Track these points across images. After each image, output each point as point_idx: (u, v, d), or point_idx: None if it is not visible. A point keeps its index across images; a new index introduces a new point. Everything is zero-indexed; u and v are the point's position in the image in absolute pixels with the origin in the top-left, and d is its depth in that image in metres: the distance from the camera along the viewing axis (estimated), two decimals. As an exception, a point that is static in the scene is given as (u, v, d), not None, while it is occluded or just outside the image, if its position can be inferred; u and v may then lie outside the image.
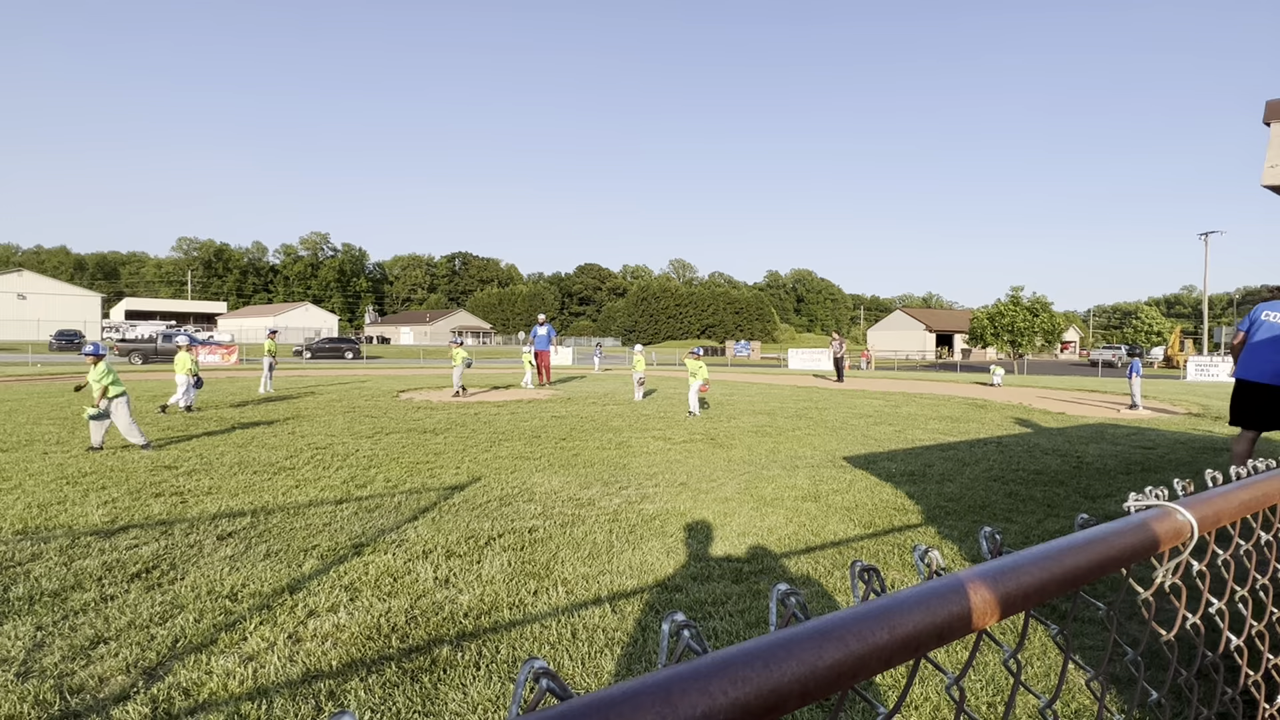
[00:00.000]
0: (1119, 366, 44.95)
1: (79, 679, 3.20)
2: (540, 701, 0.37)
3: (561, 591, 4.35)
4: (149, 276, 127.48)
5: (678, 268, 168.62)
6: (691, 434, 11.45)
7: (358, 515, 6.06)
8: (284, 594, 4.22)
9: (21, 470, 7.65)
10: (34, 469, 7.75)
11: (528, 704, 0.36)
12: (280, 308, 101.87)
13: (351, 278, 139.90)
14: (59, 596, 4.13)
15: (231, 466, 8.08)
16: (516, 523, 5.89)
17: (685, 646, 0.39)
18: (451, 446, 9.74)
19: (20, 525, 5.59)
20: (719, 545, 5.37)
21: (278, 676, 3.26)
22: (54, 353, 43.93)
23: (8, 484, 6.99)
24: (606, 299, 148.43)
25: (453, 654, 3.49)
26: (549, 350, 22.86)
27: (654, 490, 7.23)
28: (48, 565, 4.65)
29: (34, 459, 8.32)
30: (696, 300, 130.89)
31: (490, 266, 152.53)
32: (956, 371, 41.41)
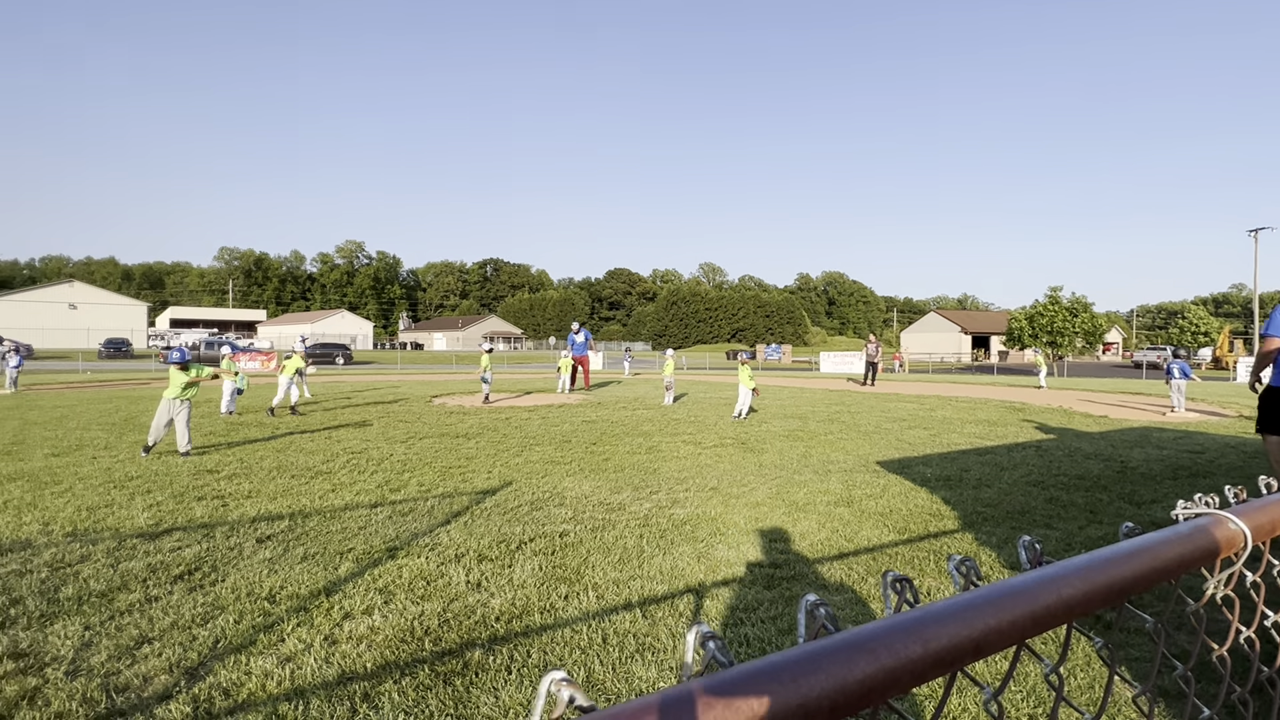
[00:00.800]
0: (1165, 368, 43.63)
1: (124, 678, 3.28)
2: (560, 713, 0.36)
3: (592, 596, 4.35)
4: (192, 286, 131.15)
5: (708, 271, 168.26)
6: (722, 438, 11.39)
7: (392, 519, 6.14)
8: (320, 596, 4.29)
9: (72, 474, 7.91)
10: (83, 473, 8.01)
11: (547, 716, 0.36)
12: (317, 315, 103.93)
13: (386, 285, 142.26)
14: (106, 597, 4.25)
15: (270, 471, 8.25)
16: (547, 527, 5.91)
17: (711, 658, 0.39)
18: (483, 451, 9.82)
19: (70, 527, 5.77)
20: (751, 551, 5.33)
21: (314, 678, 3.31)
22: (102, 360, 45.39)
23: (59, 487, 7.23)
24: (636, 303, 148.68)
25: (484, 658, 3.51)
26: (587, 355, 22.97)
27: (684, 495, 7.21)
28: (95, 567, 4.80)
29: (83, 463, 8.60)
30: (726, 304, 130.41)
31: (521, 272, 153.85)
32: (993, 374, 40.60)
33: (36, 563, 4.86)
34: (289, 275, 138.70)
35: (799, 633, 0.46)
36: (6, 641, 3.61)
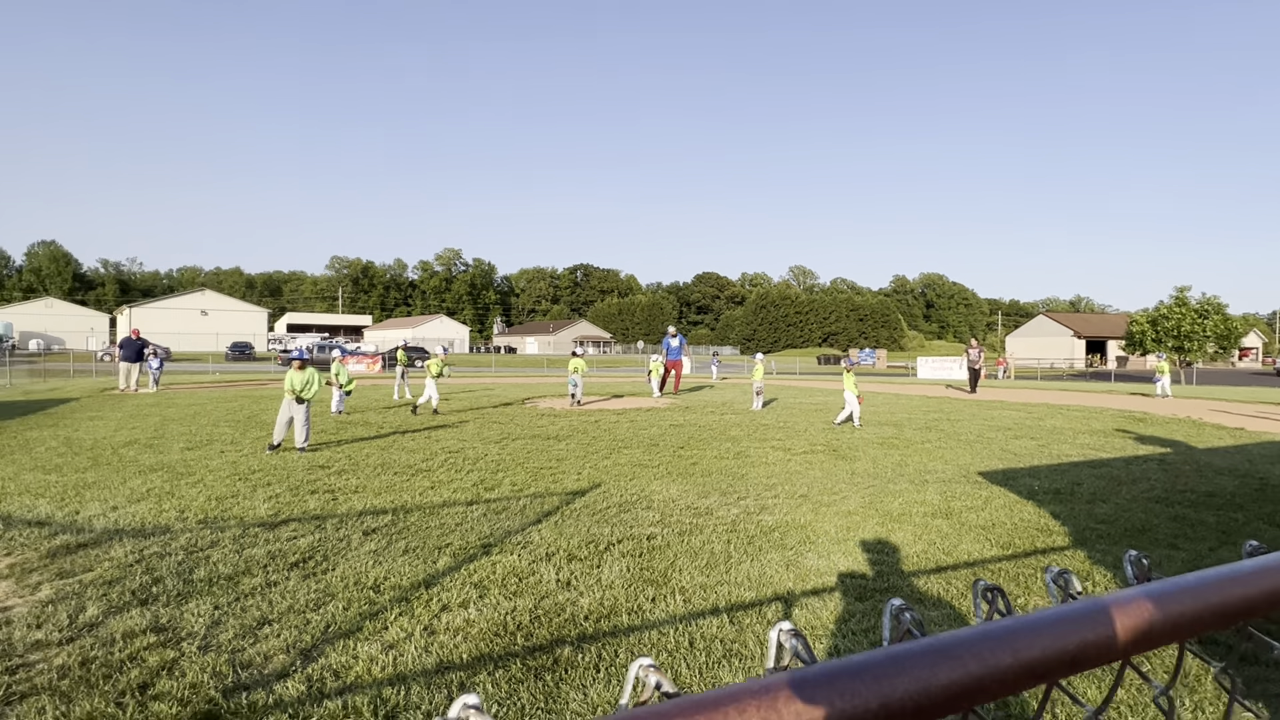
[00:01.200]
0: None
1: (248, 655, 3.56)
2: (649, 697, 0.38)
3: (679, 600, 4.37)
4: (306, 293, 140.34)
5: (798, 274, 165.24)
6: (813, 445, 11.16)
7: (486, 517, 6.37)
8: (420, 588, 4.51)
9: (203, 466, 8.64)
10: (213, 466, 8.73)
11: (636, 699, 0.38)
12: (418, 320, 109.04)
13: (481, 291, 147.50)
14: (232, 580, 4.62)
15: (375, 468, 8.73)
16: (635, 529, 5.97)
17: (793, 655, 0.40)
18: (573, 453, 10.03)
19: (202, 515, 6.31)
20: (841, 560, 5.20)
21: (414, 665, 3.48)
22: (228, 362, 49.31)
23: (193, 478, 7.92)
24: (724, 307, 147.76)
25: (574, 655, 3.59)
26: (681, 360, 22.97)
27: (773, 501, 7.11)
28: (223, 552, 5.22)
29: (213, 457, 9.37)
30: (817, 307, 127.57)
31: (610, 277, 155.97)
32: (1110, 381, 37.83)
33: (174, 546, 5.34)
34: (392, 282, 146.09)
35: (883, 636, 0.46)
36: (150, 616, 3.99)
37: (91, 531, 5.74)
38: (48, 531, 5.72)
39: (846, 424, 13.82)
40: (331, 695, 3.19)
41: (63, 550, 5.21)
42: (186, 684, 3.25)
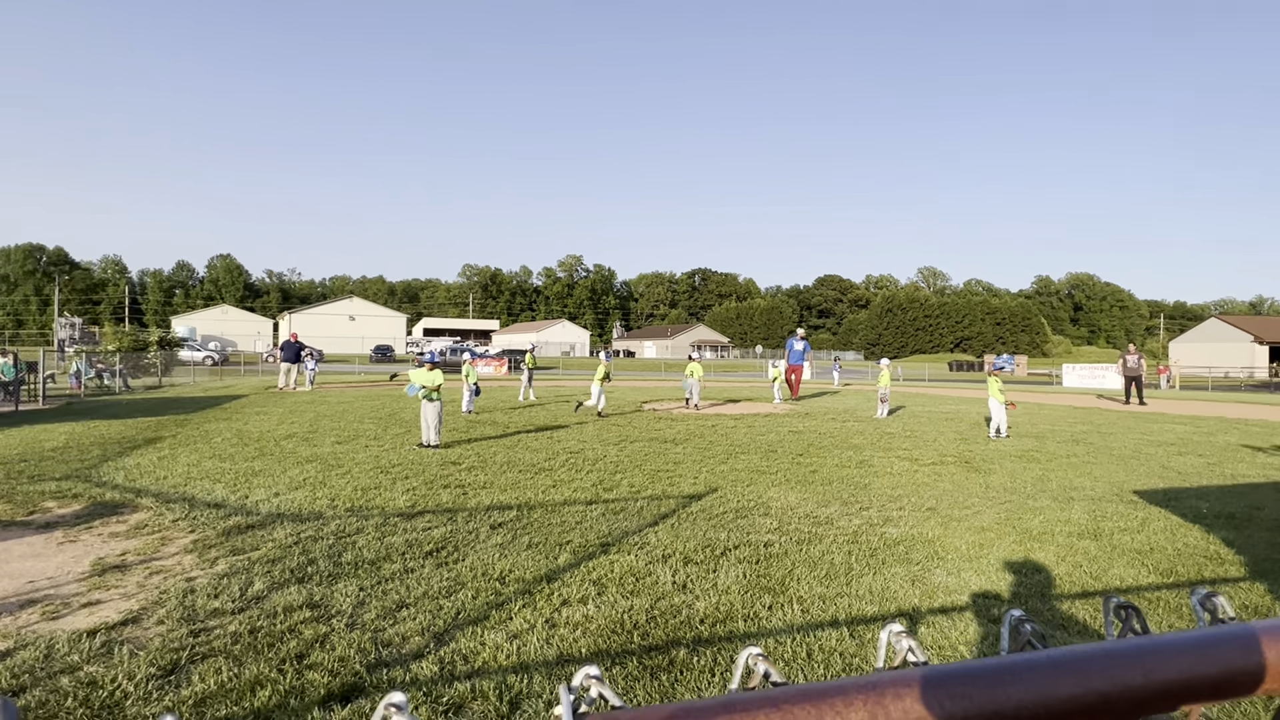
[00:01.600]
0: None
1: (388, 635, 3.85)
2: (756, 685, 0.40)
3: (797, 609, 4.29)
4: (440, 299, 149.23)
5: (927, 276, 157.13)
6: (942, 455, 10.59)
7: (605, 516, 6.52)
8: (542, 582, 4.69)
9: (350, 459, 9.41)
10: (359, 459, 9.48)
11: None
12: (542, 324, 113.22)
13: (601, 296, 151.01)
14: (375, 565, 5.01)
15: (502, 465, 9.16)
16: (752, 536, 5.92)
17: (904, 658, 0.40)
18: (690, 457, 10.06)
19: (349, 504, 6.87)
20: (973, 579, 4.90)
21: (536, 655, 3.63)
22: (372, 363, 53.32)
23: (341, 469, 8.64)
24: (847, 311, 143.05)
25: (689, 657, 3.62)
26: (803, 365, 22.45)
27: (898, 513, 6.82)
28: (367, 538, 5.67)
29: (358, 451, 10.18)
30: (949, 310, 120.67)
31: (728, 281, 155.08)
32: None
33: (325, 531, 5.85)
34: (518, 288, 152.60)
35: (1002, 647, 0.44)
36: (305, 593, 4.41)
37: (258, 514, 6.41)
38: (223, 513, 6.44)
39: (978, 433, 13.00)
40: (461, 678, 3.39)
41: (235, 530, 5.85)
42: (335, 657, 3.56)
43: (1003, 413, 12.77)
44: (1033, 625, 0.47)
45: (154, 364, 31.18)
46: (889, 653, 0.42)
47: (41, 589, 4.52)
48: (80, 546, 5.45)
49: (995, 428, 12.84)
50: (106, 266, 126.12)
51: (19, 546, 5.44)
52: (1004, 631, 0.47)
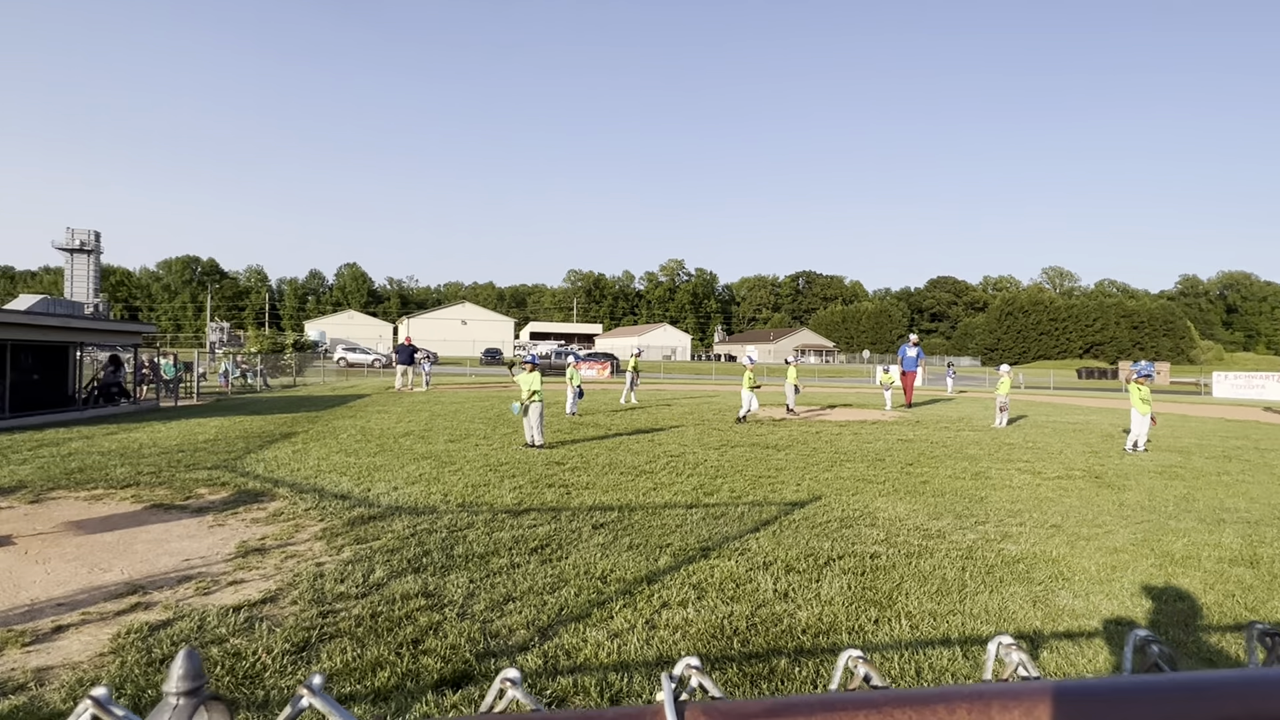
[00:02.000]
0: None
1: (495, 626, 4.01)
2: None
3: (905, 625, 4.12)
4: (546, 304, 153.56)
5: (1052, 277, 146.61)
6: (1069, 469, 9.85)
7: (705, 521, 6.51)
8: (643, 584, 4.74)
9: (462, 457, 9.86)
10: (470, 456, 9.92)
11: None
12: (644, 329, 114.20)
13: (703, 300, 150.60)
14: (484, 559, 5.23)
15: (604, 467, 9.32)
16: (857, 546, 5.73)
17: (1013, 670, 0.38)
18: (793, 463, 9.87)
19: (461, 500, 7.20)
20: (1104, 603, 4.54)
21: (636, 655, 3.67)
22: (482, 366, 55.62)
23: (454, 466, 9.07)
24: (962, 314, 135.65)
25: (790, 667, 3.55)
26: (916, 371, 21.58)
27: (1018, 529, 6.41)
28: (477, 533, 5.92)
29: (469, 449, 10.65)
30: (1078, 313, 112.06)
31: (834, 284, 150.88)
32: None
33: (439, 525, 6.16)
34: (620, 293, 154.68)
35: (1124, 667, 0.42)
36: (420, 583, 4.66)
37: (379, 506, 6.83)
38: (348, 504, 6.91)
39: (1111, 447, 11.99)
40: (564, 672, 3.48)
41: (359, 520, 6.27)
42: (447, 644, 3.75)
43: (1144, 424, 11.69)
44: (1161, 646, 0.44)
45: (289, 365, 33.91)
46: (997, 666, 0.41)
47: (195, 567, 5.02)
48: (227, 530, 6.01)
49: (1133, 440, 11.79)
50: (250, 275, 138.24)
51: (178, 528, 6.06)
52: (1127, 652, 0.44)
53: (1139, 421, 11.72)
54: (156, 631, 3.87)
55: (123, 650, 3.63)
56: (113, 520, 6.28)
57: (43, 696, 3.18)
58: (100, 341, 18.20)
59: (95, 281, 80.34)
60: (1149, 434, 12.16)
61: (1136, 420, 11.76)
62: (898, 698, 0.35)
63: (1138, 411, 11.76)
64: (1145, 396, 11.73)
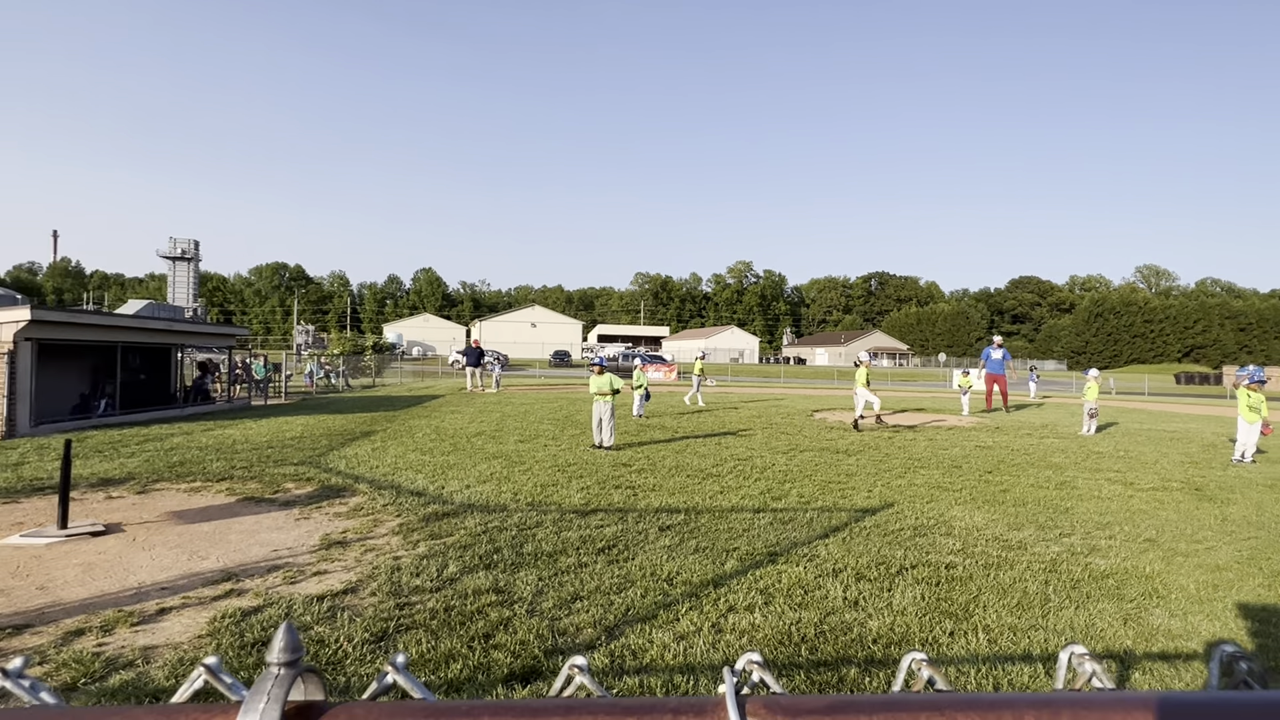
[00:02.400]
0: None
1: (563, 624, 4.08)
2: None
3: (983, 639, 3.96)
4: (614, 306, 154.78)
5: (1147, 275, 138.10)
6: (1165, 480, 9.27)
7: (773, 526, 6.43)
8: (709, 587, 4.72)
9: (531, 457, 10.05)
10: (539, 457, 10.11)
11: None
12: (710, 331, 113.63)
13: (771, 302, 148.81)
14: (552, 557, 5.32)
15: (670, 469, 9.33)
16: (931, 556, 5.55)
17: (1087, 680, 0.37)
18: (864, 469, 9.63)
19: (530, 499, 7.35)
20: (1204, 624, 4.25)
21: (702, 659, 3.66)
22: (551, 367, 56.54)
23: (523, 466, 9.26)
24: (1046, 316, 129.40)
25: (860, 677, 3.47)
26: (1004, 374, 20.78)
27: (1107, 543, 6.07)
28: (546, 532, 6.03)
29: (538, 450, 10.85)
30: (1175, 315, 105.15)
31: (908, 285, 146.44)
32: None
33: (509, 523, 6.31)
34: (688, 295, 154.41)
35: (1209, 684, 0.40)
36: (491, 579, 4.78)
37: (452, 504, 7.04)
38: (423, 500, 7.15)
39: (1212, 457, 11.20)
40: (630, 673, 3.51)
41: (433, 516, 6.48)
42: (517, 640, 3.83)
43: (1253, 433, 10.85)
44: (1250, 664, 0.42)
45: (369, 366, 35.33)
46: (1069, 676, 0.40)
47: (283, 557, 5.30)
48: (312, 523, 6.32)
49: (1240, 450, 10.97)
50: (333, 280, 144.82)
51: (268, 520, 6.41)
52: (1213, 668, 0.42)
53: (1246, 430, 10.90)
54: (248, 617, 4.11)
55: (218, 633, 3.87)
56: (209, 511, 6.70)
57: (149, 674, 3.42)
58: (199, 344, 19.43)
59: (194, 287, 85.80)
60: (1258, 444, 11.30)
61: (1244, 429, 10.95)
62: (962, 701, 0.35)
63: (1245, 420, 10.94)
64: (1255, 404, 10.88)
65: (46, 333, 12.66)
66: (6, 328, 11.93)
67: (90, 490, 7.51)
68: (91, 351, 15.52)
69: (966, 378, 21.19)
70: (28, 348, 12.19)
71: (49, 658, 3.55)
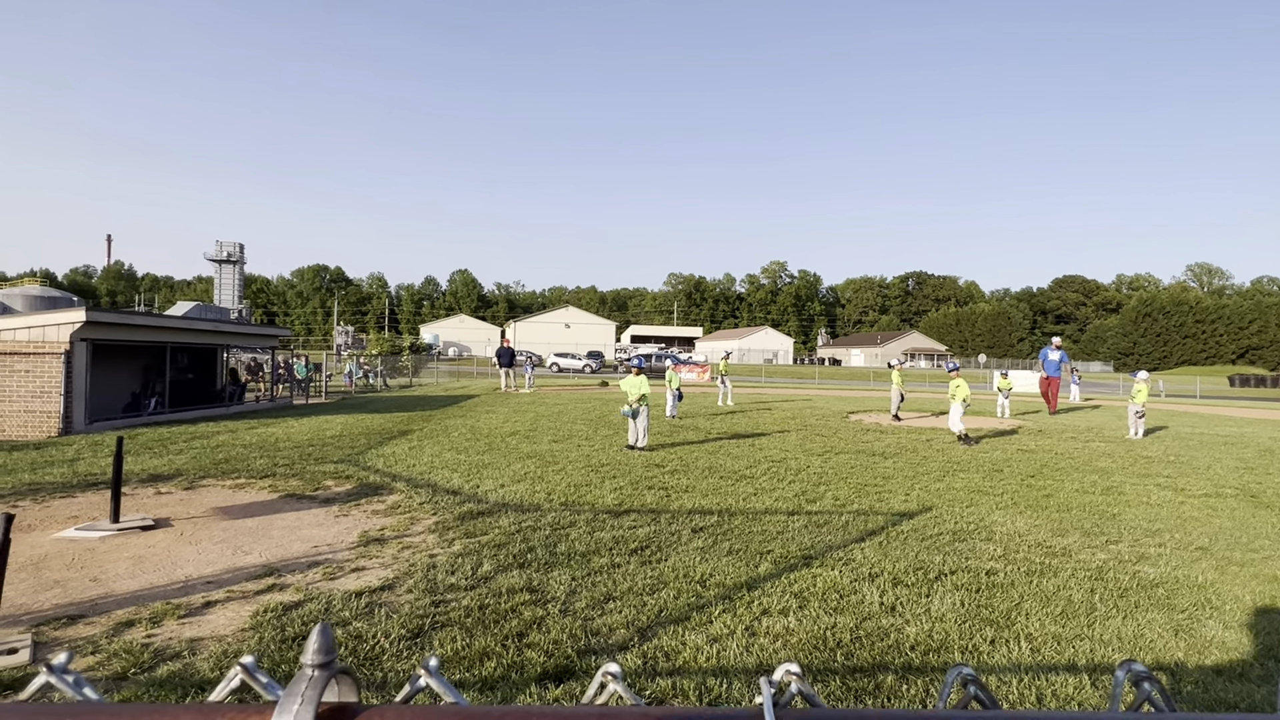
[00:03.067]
0: None
1: (596, 624, 4.08)
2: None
3: (1025, 647, 3.86)
4: (647, 307, 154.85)
5: (1199, 274, 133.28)
6: (1219, 486, 8.93)
7: (807, 528, 6.36)
8: (742, 590, 4.69)
9: (564, 457, 10.10)
10: (572, 457, 10.15)
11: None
12: (744, 331, 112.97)
13: (806, 302, 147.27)
14: (585, 557, 5.33)
15: (703, 470, 9.29)
16: (971, 561, 5.43)
17: (1143, 702, 0.35)
18: (901, 472, 9.47)
19: (564, 499, 7.38)
20: (1262, 637, 4.08)
21: (735, 661, 3.64)
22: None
23: (557, 466, 9.31)
24: (1092, 316, 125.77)
25: (897, 684, 3.41)
26: (1059, 376, 20.30)
27: (1156, 551, 5.87)
28: (579, 532, 6.05)
29: (572, 450, 10.89)
30: (1229, 315, 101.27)
31: (947, 285, 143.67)
32: None
33: (543, 522, 6.34)
34: (721, 295, 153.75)
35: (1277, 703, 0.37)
36: (525, 578, 4.81)
37: (487, 502, 7.11)
38: (459, 499, 7.24)
39: (1268, 463, 10.75)
40: (663, 674, 3.50)
41: (469, 515, 6.55)
42: (550, 639, 3.85)
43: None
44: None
45: (406, 366, 35.90)
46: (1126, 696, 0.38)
47: (324, 553, 5.41)
48: (351, 520, 6.44)
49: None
50: (372, 282, 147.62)
51: (308, 516, 6.55)
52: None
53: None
54: (290, 611, 4.20)
55: (261, 627, 3.96)
56: (253, 508, 6.87)
57: (195, 665, 3.52)
58: (244, 344, 19.96)
59: (239, 289, 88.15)
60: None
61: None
62: (1016, 719, 0.33)
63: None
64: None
65: (100, 333, 13.14)
66: (64, 329, 12.41)
67: (141, 486, 7.77)
68: (142, 351, 16.07)
69: (1006, 379, 20.70)
70: (83, 348, 12.65)
71: (100, 648, 3.67)
